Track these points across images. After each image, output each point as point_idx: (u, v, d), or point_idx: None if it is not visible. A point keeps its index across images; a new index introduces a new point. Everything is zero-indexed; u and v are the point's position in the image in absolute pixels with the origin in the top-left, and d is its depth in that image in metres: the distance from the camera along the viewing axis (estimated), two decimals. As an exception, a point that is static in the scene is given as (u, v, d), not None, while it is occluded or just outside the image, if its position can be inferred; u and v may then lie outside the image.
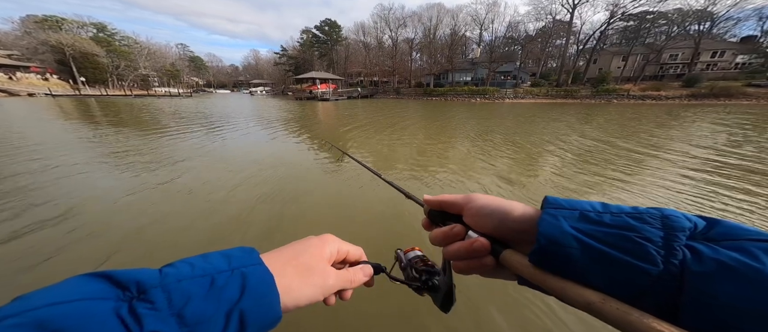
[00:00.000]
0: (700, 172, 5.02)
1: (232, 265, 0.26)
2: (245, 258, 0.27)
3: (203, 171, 4.84)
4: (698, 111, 18.21)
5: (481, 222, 0.33)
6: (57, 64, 43.49)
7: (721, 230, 0.23)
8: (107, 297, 0.20)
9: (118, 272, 0.22)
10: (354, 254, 0.38)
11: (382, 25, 53.21)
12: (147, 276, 0.22)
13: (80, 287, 0.20)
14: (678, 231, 0.23)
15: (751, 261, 0.20)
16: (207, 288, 0.23)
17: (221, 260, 0.26)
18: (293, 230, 2.99)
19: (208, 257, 0.26)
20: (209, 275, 0.24)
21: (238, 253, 0.28)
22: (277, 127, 10.70)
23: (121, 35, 54.90)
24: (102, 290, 0.20)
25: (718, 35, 40.45)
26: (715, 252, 0.21)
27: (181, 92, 52.94)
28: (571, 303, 0.24)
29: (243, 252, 0.28)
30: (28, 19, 45.84)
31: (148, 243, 2.67)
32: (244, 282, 0.25)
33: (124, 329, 0.19)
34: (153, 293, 0.21)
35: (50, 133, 8.36)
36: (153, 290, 0.21)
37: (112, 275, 0.21)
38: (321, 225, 3.08)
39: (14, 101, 23.92)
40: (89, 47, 44.54)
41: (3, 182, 4.13)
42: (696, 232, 0.23)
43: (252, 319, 0.24)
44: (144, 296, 0.21)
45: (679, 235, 0.23)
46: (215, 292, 0.23)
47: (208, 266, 0.25)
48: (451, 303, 0.37)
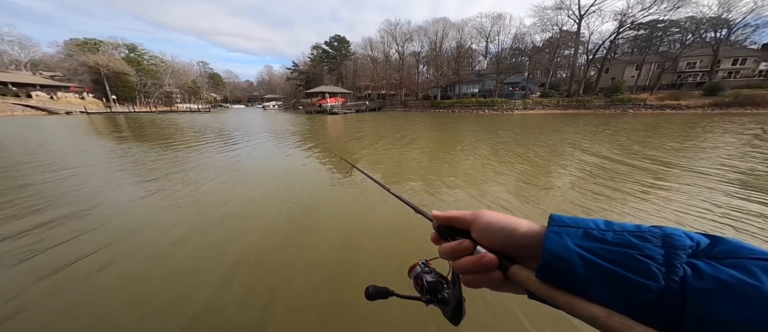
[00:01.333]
0: None
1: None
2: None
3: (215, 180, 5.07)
4: (735, 121, 16.61)
5: (489, 237, 0.34)
6: (93, 84, 47.62)
7: (723, 248, 0.24)
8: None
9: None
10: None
11: (389, 40, 54.87)
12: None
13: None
14: (679, 249, 0.24)
15: (749, 278, 0.20)
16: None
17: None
18: (303, 240, 3.18)
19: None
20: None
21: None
22: (288, 141, 11.19)
23: (150, 55, 59.61)
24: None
25: (737, 42, 38.87)
26: (715, 270, 0.22)
27: (201, 108, 56.16)
28: (578, 317, 0.25)
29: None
30: (71, 43, 50.84)
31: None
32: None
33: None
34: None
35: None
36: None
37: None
38: (330, 238, 3.22)
39: (53, 119, 26.31)
40: (121, 67, 48.58)
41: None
42: (699, 250, 0.24)
43: None
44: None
45: (679, 253, 0.24)
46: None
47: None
48: (461, 315, 0.38)
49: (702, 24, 35.89)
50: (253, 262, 2.77)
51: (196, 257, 2.88)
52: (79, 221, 3.76)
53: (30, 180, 5.73)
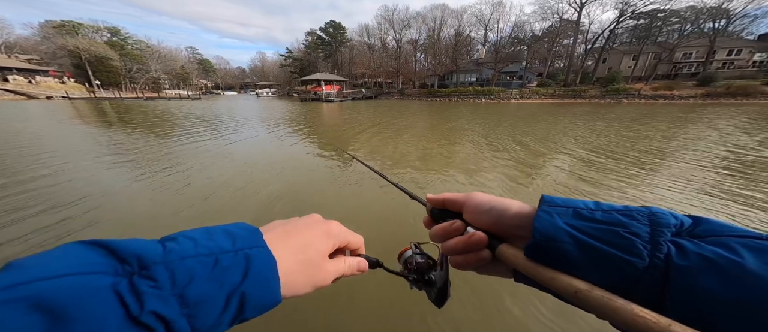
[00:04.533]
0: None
1: (237, 246, 0.25)
2: (249, 238, 0.27)
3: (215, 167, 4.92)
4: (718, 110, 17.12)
5: (480, 218, 0.35)
6: (74, 68, 45.25)
7: (705, 227, 0.24)
8: (105, 271, 0.19)
9: (119, 242, 0.20)
10: (355, 243, 0.39)
11: (386, 27, 53.46)
12: (149, 250, 0.21)
13: (77, 257, 0.19)
14: (664, 227, 0.24)
15: (731, 255, 0.21)
16: (210, 268, 0.22)
17: (225, 238, 0.25)
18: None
19: (212, 234, 0.26)
20: (214, 255, 0.23)
21: (242, 233, 0.27)
22: (283, 129, 10.87)
23: (134, 39, 56.72)
24: (100, 262, 0.19)
25: (734, 33, 38.99)
26: (698, 247, 0.22)
27: (190, 94, 54.30)
28: (560, 292, 0.26)
29: (247, 232, 0.27)
30: (47, 25, 47.78)
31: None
32: (247, 264, 0.24)
33: (123, 309, 0.18)
34: (156, 270, 0.20)
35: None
36: (155, 267, 0.20)
37: (111, 245, 0.20)
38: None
39: (34, 104, 24.98)
40: (103, 51, 46.19)
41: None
42: (682, 229, 0.25)
43: (252, 302, 0.24)
44: (145, 272, 0.20)
45: (664, 231, 0.24)
46: (218, 273, 0.22)
47: (213, 244, 0.24)
48: (445, 298, 0.38)
49: (702, 13, 35.76)
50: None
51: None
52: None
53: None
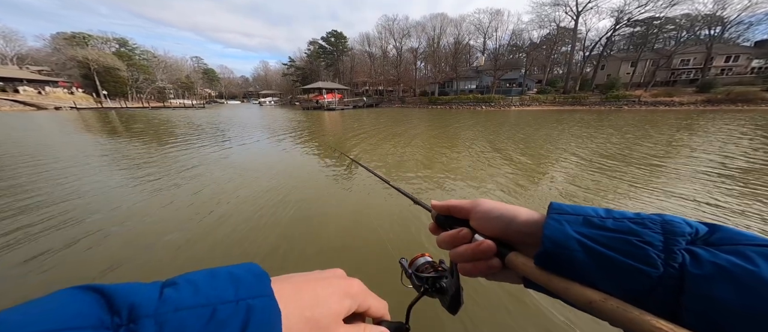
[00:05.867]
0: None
1: (239, 295, 0.22)
2: (255, 285, 0.24)
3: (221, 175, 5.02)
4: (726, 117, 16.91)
5: (488, 225, 0.34)
6: (82, 79, 46.36)
7: (721, 235, 0.24)
8: (92, 325, 0.18)
9: (116, 289, 0.19)
10: (377, 309, 0.33)
11: (386, 36, 54.48)
12: (144, 298, 0.20)
13: (65, 308, 0.18)
14: (678, 236, 0.24)
15: (746, 264, 0.20)
16: (205, 321, 0.20)
17: (228, 284, 0.23)
18: (300, 236, 3.11)
19: (216, 277, 0.23)
20: (211, 305, 0.21)
21: (247, 278, 0.24)
22: (286, 137, 11.14)
23: (141, 50, 58.19)
24: (88, 315, 0.18)
25: (730, 39, 39.43)
26: (713, 256, 0.22)
27: (195, 103, 55.28)
28: (574, 302, 0.25)
29: (253, 277, 0.25)
30: (58, 36, 49.26)
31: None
32: (247, 316, 0.21)
33: None
34: (144, 323, 0.18)
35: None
36: (145, 320, 0.19)
37: (106, 292, 0.19)
38: (330, 232, 3.20)
39: (43, 114, 25.58)
40: (112, 62, 47.36)
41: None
42: (697, 237, 0.24)
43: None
44: (133, 326, 0.18)
45: (678, 239, 0.24)
46: (213, 328, 0.20)
47: (213, 292, 0.22)
48: (458, 304, 0.38)
49: (697, 21, 36.29)
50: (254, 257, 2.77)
51: (202, 257, 2.84)
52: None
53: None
